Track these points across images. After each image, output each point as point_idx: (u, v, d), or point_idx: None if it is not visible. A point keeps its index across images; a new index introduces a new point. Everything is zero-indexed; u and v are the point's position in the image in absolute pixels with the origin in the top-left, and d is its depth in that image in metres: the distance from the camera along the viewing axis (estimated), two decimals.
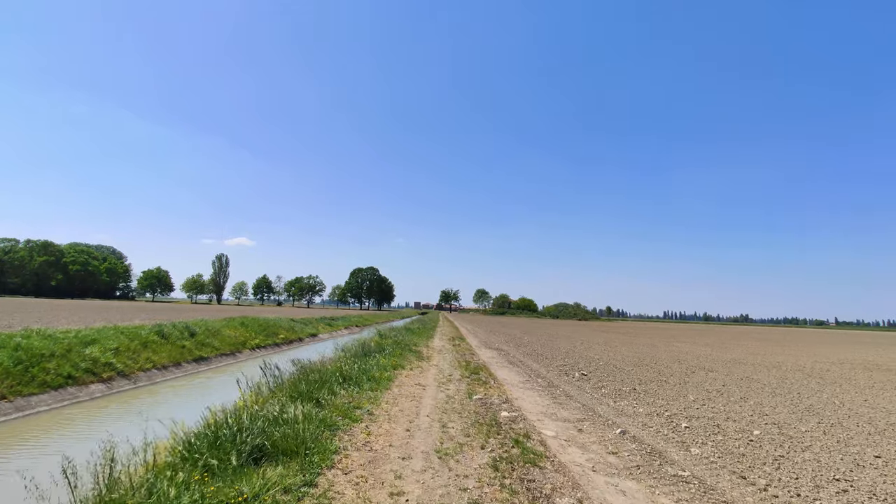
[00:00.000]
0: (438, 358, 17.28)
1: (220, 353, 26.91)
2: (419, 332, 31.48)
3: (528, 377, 13.96)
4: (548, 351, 24.61)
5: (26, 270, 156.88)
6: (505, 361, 18.35)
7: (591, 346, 30.49)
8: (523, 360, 19.52)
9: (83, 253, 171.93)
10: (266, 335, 34.92)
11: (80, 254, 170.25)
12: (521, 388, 11.76)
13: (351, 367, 10.59)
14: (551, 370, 16.22)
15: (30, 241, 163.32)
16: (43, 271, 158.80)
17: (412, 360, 15.59)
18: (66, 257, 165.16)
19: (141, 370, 20.12)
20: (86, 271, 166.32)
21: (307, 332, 42.99)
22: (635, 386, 13.35)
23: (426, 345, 22.86)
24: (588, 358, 21.61)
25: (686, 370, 18.38)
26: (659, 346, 34.80)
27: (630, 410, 9.72)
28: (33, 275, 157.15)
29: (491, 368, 15.24)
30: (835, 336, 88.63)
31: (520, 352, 23.29)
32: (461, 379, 12.18)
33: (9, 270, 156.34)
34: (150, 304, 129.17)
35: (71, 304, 72.15)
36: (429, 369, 13.73)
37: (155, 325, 24.71)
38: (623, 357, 23.14)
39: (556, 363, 18.62)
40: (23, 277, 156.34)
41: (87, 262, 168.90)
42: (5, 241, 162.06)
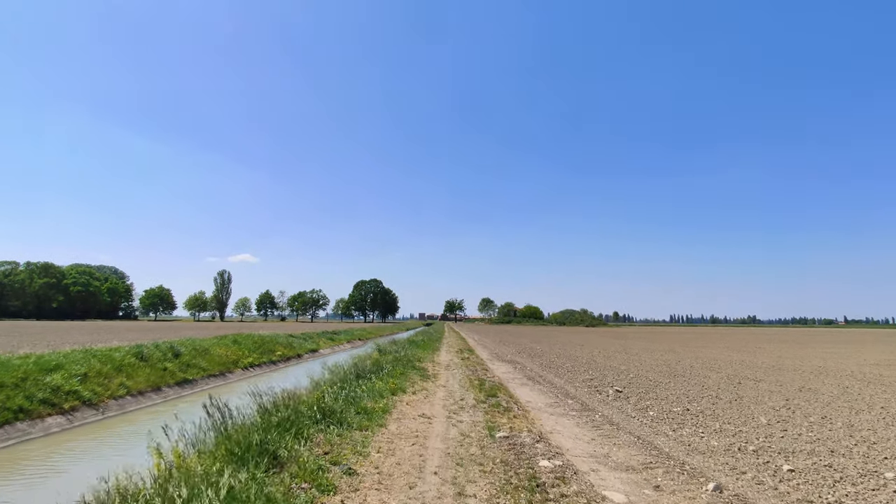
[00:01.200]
0: (446, 376, 15.11)
1: (208, 375, 24.75)
2: (424, 345, 29.13)
3: (555, 397, 11.68)
4: (566, 362, 22.29)
5: (27, 293, 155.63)
6: (523, 377, 16.06)
7: (611, 354, 28.12)
8: (542, 374, 17.22)
9: (84, 274, 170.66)
10: (261, 353, 32.70)
11: (81, 275, 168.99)
12: (551, 414, 9.50)
13: (336, 397, 8.33)
14: (578, 386, 13.93)
15: (30, 264, 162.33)
16: (44, 293, 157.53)
17: (416, 380, 13.46)
18: (67, 279, 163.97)
19: (112, 398, 17.94)
20: (87, 292, 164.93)
21: (307, 348, 40.75)
22: (686, 405, 11.05)
23: (432, 360, 20.55)
24: (613, 369, 19.29)
25: (728, 380, 16.07)
26: (680, 351, 32.38)
27: (700, 444, 7.44)
28: (34, 297, 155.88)
29: (509, 387, 12.97)
30: (851, 335, 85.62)
31: (536, 364, 20.99)
32: (476, 405, 9.90)
33: (9, 293, 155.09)
34: (151, 323, 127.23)
35: (63, 326, 70.12)
36: (436, 392, 11.52)
37: (133, 346, 22.52)
38: (650, 366, 20.80)
39: (581, 377, 16.31)
40: (23, 300, 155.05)
41: (89, 282, 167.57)
42: (5, 264, 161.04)
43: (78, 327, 64.00)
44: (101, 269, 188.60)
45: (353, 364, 12.50)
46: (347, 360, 15.43)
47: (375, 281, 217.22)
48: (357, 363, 12.74)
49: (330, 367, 12.39)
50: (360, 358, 15.54)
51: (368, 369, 12.19)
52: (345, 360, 14.46)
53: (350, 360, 14.64)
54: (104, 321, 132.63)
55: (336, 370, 11.87)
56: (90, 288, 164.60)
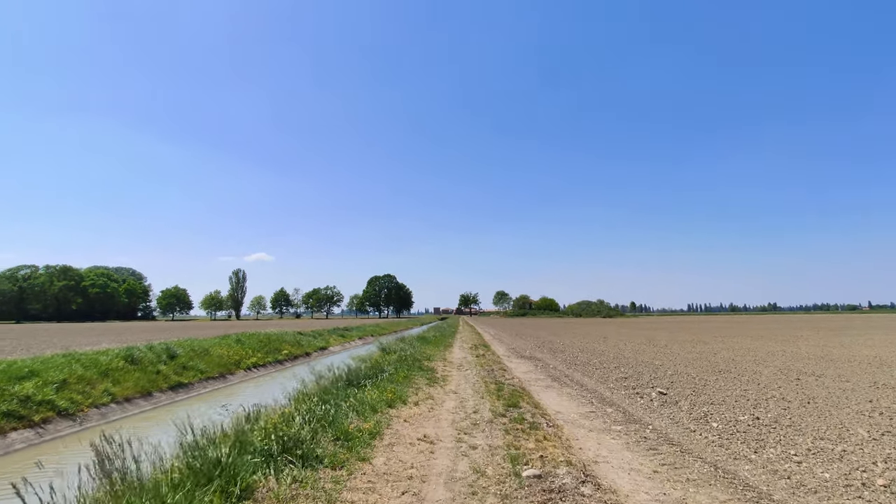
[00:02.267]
0: (458, 378, 13.26)
1: (207, 377, 23.20)
2: (435, 341, 27.18)
3: (589, 404, 9.69)
4: (592, 357, 20.20)
5: (47, 296, 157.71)
6: (546, 377, 14.05)
7: (638, 348, 25.91)
8: (569, 372, 15.19)
9: (102, 276, 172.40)
10: (266, 352, 31.13)
11: (99, 276, 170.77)
12: (590, 429, 7.55)
13: (310, 417, 6.24)
14: (614, 388, 11.90)
15: (49, 267, 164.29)
16: (63, 296, 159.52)
17: (421, 385, 11.48)
18: (85, 281, 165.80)
19: (94, 406, 16.38)
20: (105, 293, 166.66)
21: (316, 346, 39.19)
22: (752, 412, 8.96)
23: (443, 358, 18.60)
24: (646, 365, 17.17)
25: (783, 376, 13.91)
26: (711, 342, 30.02)
27: (805, 476, 5.37)
28: (54, 299, 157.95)
29: (532, 391, 11.10)
30: (882, 321, 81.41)
31: (559, 361, 18.96)
32: (494, 419, 7.91)
33: (30, 296, 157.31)
34: (167, 323, 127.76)
35: (76, 327, 69.84)
36: (444, 401, 9.61)
37: (124, 349, 21.01)
38: (685, 360, 18.63)
39: (613, 375, 14.24)
40: (44, 303, 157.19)
41: (106, 284, 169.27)
42: (25, 268, 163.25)
43: (91, 329, 63.57)
44: (119, 270, 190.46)
45: (347, 368, 10.61)
46: (347, 360, 13.62)
47: (389, 276, 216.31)
48: (351, 367, 10.85)
49: (319, 372, 10.51)
50: (359, 358, 13.69)
51: (364, 374, 10.27)
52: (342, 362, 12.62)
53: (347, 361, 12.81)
54: (122, 322, 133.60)
55: (324, 376, 10.00)
56: (108, 289, 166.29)
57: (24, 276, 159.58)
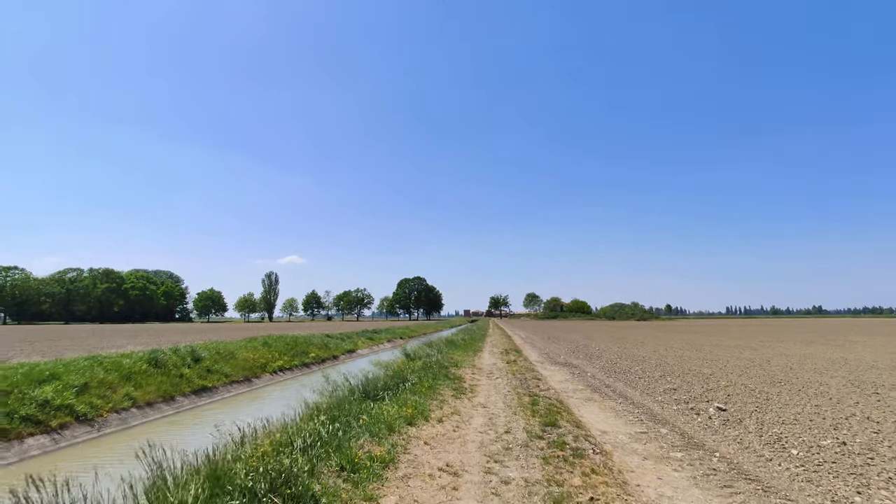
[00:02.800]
0: (488, 388, 12.14)
1: (231, 381, 22.83)
2: (464, 345, 26.07)
3: (639, 422, 8.49)
4: (632, 364, 18.75)
5: (91, 298, 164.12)
6: (585, 387, 12.81)
7: (681, 354, 24.16)
8: (610, 382, 13.85)
9: (142, 279, 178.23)
10: (293, 355, 30.74)
11: (139, 279, 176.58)
12: (644, 455, 6.36)
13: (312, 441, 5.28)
14: (663, 402, 10.59)
15: (93, 270, 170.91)
16: (106, 298, 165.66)
17: (447, 396, 10.39)
18: (126, 283, 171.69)
19: (114, 410, 16.03)
20: (144, 296, 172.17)
21: (344, 349, 38.70)
22: (835, 435, 7.57)
23: (472, 364, 17.59)
24: (694, 374, 15.66)
25: (856, 388, 12.30)
26: (760, 348, 27.89)
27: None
28: (97, 301, 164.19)
29: (572, 405, 10.02)
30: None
31: (597, 367, 17.61)
32: (529, 442, 6.82)
33: (75, 298, 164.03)
34: (202, 325, 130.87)
35: (111, 329, 71.86)
36: (471, 417, 8.51)
37: (148, 352, 20.77)
38: (736, 368, 16.99)
39: (660, 386, 12.86)
40: (88, 304, 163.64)
41: (146, 286, 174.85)
42: (71, 271, 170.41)
43: (127, 330, 65.26)
44: (158, 273, 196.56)
45: (365, 378, 9.62)
46: (369, 367, 12.72)
47: (419, 279, 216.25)
48: (370, 376, 9.88)
49: (336, 381, 9.60)
50: (382, 365, 12.78)
51: (384, 384, 9.29)
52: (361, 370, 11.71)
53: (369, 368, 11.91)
54: (160, 323, 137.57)
55: (341, 386, 9.08)
56: (147, 292, 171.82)
57: (71, 280, 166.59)
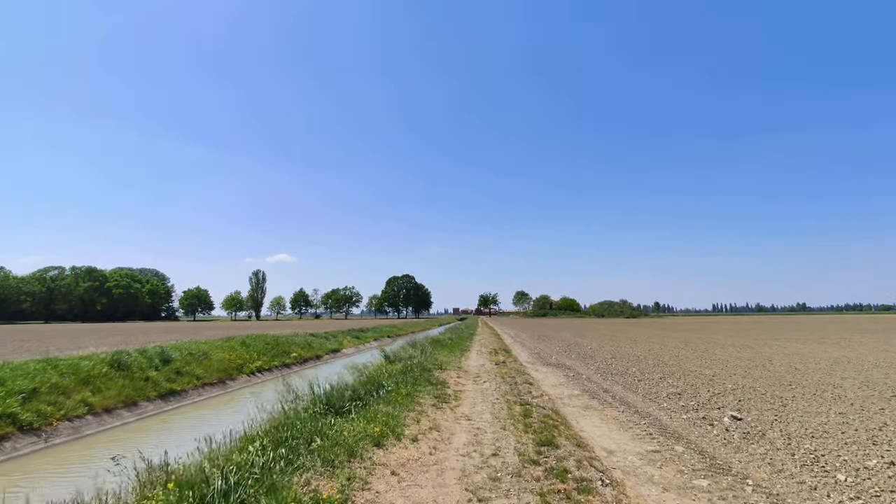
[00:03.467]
0: (474, 394, 10.95)
1: (204, 384, 21.46)
2: (451, 345, 24.80)
3: (648, 437, 7.36)
4: (629, 365, 17.70)
5: (73, 296, 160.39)
6: (582, 393, 11.68)
7: (678, 353, 23.20)
8: (608, 385, 12.72)
9: (126, 277, 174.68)
10: (273, 355, 29.37)
11: (123, 278, 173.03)
12: (663, 485, 5.16)
13: (235, 480, 4.02)
14: (670, 409, 9.48)
15: (75, 268, 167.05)
16: (88, 296, 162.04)
17: (426, 405, 9.10)
18: (110, 282, 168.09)
19: (66, 418, 14.64)
20: (128, 294, 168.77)
21: (328, 348, 37.32)
22: (882, 454, 6.50)
23: (458, 365, 16.40)
24: (696, 375, 14.65)
25: (873, 392, 11.44)
26: (756, 346, 27.11)
27: None
28: (79, 300, 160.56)
29: (569, 416, 8.90)
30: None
31: (591, 369, 16.52)
32: (523, 469, 5.57)
33: (57, 297, 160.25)
34: (186, 323, 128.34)
35: (89, 328, 69.55)
36: (452, 433, 7.23)
37: (112, 353, 19.30)
38: (740, 369, 16.02)
39: (663, 390, 11.77)
40: (70, 303, 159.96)
41: (130, 285, 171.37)
42: (52, 269, 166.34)
43: (105, 329, 63.12)
44: (143, 271, 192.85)
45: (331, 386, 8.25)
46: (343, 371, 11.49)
47: (408, 277, 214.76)
48: (338, 384, 8.54)
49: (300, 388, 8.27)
50: (359, 368, 11.55)
51: (352, 393, 7.98)
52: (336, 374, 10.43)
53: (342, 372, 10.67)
54: (145, 322, 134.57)
55: (304, 395, 7.79)
56: (131, 290, 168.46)
57: (52, 278, 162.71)
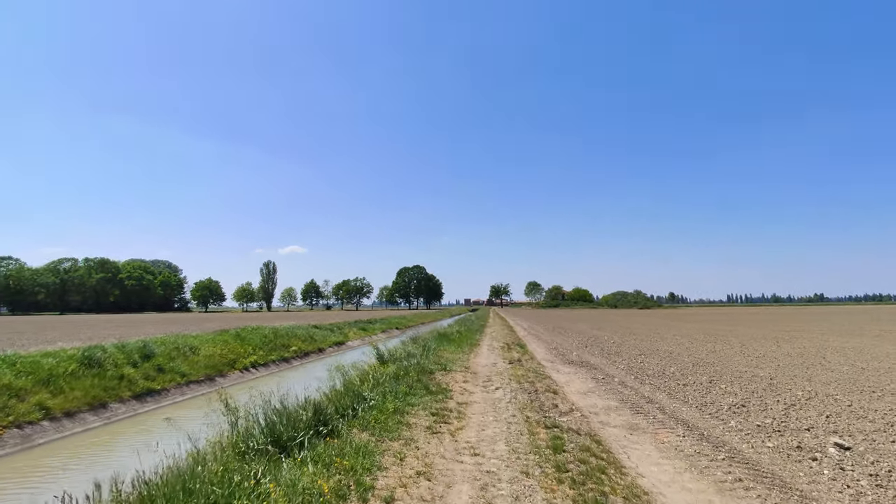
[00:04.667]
0: (482, 408, 8.69)
1: (189, 381, 19.61)
2: (459, 339, 22.54)
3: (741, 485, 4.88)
4: (664, 363, 15.37)
5: (86, 288, 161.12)
6: (620, 403, 9.52)
7: (715, 349, 20.70)
8: (649, 394, 10.34)
9: (138, 268, 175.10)
10: (271, 349, 27.45)
11: (136, 269, 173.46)
12: None
13: None
14: (743, 433, 7.07)
15: (88, 260, 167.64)
16: (101, 288, 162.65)
17: (418, 427, 6.99)
18: (122, 273, 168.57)
19: (15, 425, 12.82)
20: (140, 286, 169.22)
21: (331, 341, 35.37)
22: None
23: (465, 364, 14.33)
24: (751, 378, 12.29)
25: None
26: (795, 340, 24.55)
27: None
28: (92, 291, 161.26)
29: (616, 447, 6.66)
30: None
31: (621, 369, 14.22)
32: None
33: (71, 289, 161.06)
34: (196, 314, 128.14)
35: (93, 319, 68.67)
36: (448, 487, 4.87)
37: (82, 348, 17.41)
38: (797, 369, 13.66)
39: (720, 400, 9.42)
40: (83, 294, 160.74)
41: (142, 276, 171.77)
42: (66, 261, 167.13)
43: (114, 320, 62.15)
44: (156, 263, 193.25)
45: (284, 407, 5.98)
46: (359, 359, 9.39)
47: (419, 267, 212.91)
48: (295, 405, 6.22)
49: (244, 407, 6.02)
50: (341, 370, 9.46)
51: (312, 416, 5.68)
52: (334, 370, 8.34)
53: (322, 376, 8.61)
54: (157, 314, 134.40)
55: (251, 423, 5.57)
56: (143, 282, 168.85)
57: (66, 269, 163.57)
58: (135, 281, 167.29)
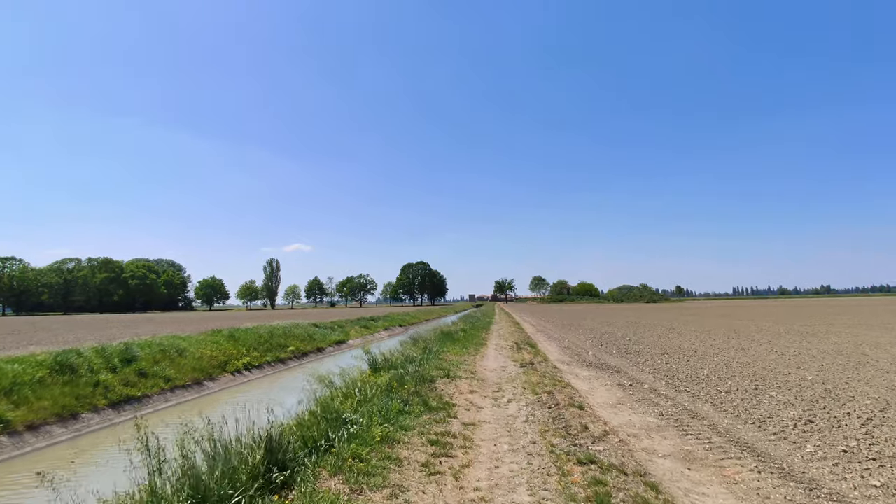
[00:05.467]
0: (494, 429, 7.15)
1: (174, 386, 18.27)
2: (464, 338, 20.80)
3: None
4: (696, 365, 13.80)
5: (90, 287, 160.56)
6: (665, 424, 7.70)
7: (742, 346, 19.11)
8: (690, 404, 8.62)
9: (142, 268, 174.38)
10: (266, 349, 26.09)
11: (139, 268, 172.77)
12: None
13: None
14: (831, 463, 5.58)
15: (91, 260, 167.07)
16: (104, 287, 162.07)
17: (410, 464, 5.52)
18: (126, 273, 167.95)
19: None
20: (144, 285, 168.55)
21: (332, 340, 33.99)
22: None
23: (470, 370, 12.68)
24: (803, 384, 10.76)
25: None
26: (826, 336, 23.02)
27: None
28: (96, 291, 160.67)
29: (678, 495, 4.85)
30: None
31: (648, 372, 12.61)
32: None
33: (74, 288, 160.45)
34: (199, 313, 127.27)
35: (91, 319, 67.62)
36: None
37: (55, 353, 16.01)
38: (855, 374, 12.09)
39: (780, 414, 7.80)
40: (87, 294, 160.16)
41: (146, 276, 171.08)
42: (70, 261, 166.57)
43: (113, 321, 61.07)
44: (160, 262, 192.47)
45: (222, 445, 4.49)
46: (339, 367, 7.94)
47: (422, 264, 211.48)
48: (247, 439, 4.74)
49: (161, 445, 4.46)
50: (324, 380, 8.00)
51: (264, 455, 4.18)
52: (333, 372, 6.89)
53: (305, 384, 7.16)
54: (161, 313, 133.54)
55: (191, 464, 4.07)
56: (147, 281, 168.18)
57: (69, 269, 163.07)
58: (138, 280, 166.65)
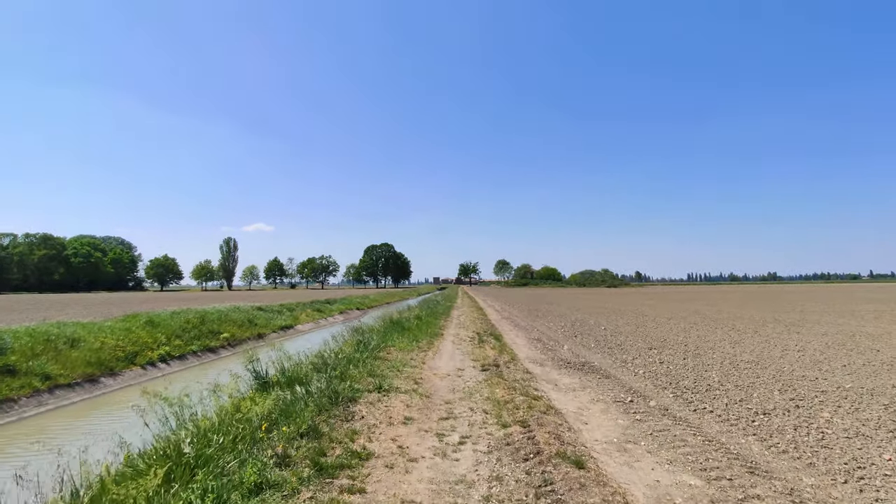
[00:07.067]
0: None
1: (56, 385, 14.72)
2: (417, 327, 17.83)
3: None
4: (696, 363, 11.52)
5: (27, 265, 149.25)
6: (711, 487, 4.61)
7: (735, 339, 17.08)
8: (735, 443, 5.32)
9: (86, 245, 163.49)
10: (193, 337, 22.53)
11: (83, 246, 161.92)
12: None
13: None
14: None
15: (28, 235, 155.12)
16: (44, 265, 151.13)
17: None
18: (68, 250, 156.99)
19: None
20: (88, 263, 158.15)
21: (277, 325, 30.53)
22: None
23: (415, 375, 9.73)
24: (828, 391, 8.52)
25: None
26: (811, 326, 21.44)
27: None
28: (34, 269, 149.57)
29: None
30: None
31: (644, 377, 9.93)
32: None
33: (10, 266, 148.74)
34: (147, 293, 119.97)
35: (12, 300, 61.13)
36: None
37: None
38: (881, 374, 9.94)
39: (871, 450, 5.46)
40: (24, 272, 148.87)
41: (90, 254, 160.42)
42: (5, 236, 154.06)
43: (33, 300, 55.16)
44: (107, 240, 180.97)
45: None
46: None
47: (387, 245, 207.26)
48: None
49: None
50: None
51: None
52: None
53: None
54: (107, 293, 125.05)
55: None
56: (92, 259, 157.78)
57: (3, 246, 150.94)
58: (82, 259, 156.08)
